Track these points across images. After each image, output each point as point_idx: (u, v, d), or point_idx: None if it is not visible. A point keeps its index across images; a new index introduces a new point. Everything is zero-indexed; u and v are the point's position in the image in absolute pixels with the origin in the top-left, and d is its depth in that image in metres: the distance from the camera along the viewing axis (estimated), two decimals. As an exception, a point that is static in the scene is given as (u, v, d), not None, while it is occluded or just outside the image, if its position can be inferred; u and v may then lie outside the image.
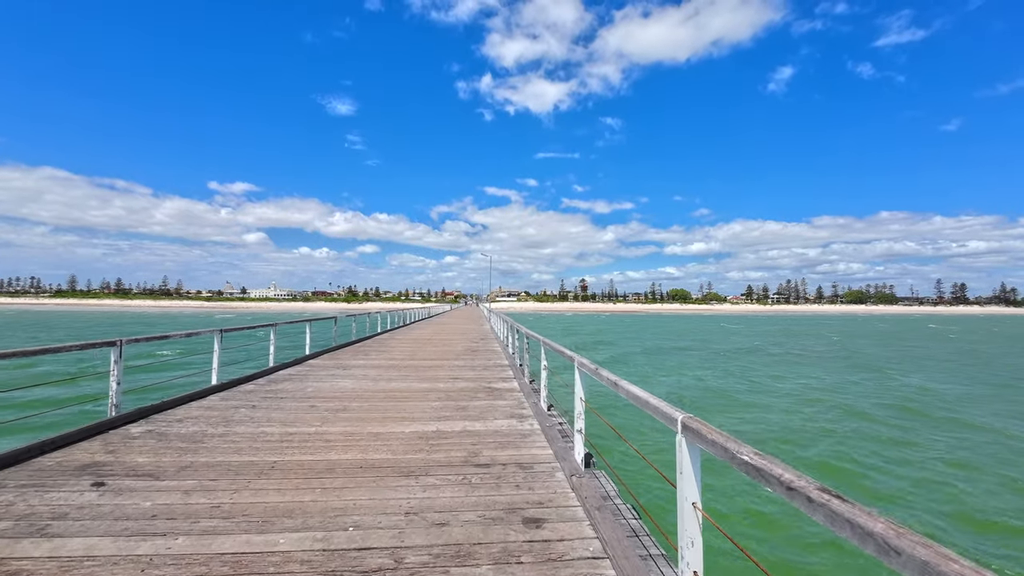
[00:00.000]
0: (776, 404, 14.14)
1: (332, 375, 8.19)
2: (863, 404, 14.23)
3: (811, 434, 10.99)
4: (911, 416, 13.00)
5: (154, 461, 3.80)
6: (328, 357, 10.60)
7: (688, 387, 16.96)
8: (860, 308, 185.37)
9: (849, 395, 15.67)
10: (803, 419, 12.34)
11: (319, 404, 5.94)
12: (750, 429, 11.38)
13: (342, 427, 4.89)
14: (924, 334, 49.87)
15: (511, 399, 6.38)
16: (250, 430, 4.72)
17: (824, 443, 10.27)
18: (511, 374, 8.53)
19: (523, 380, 7.63)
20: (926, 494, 7.71)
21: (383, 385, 7.30)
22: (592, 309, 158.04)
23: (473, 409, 5.77)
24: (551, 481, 3.49)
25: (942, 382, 18.90)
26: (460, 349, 12.69)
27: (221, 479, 3.45)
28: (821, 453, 9.64)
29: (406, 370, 8.86)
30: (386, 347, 13.01)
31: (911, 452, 9.93)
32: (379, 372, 8.58)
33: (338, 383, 7.43)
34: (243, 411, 5.50)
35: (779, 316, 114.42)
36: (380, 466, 3.77)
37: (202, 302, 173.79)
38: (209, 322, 58.88)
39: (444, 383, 7.55)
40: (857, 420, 12.35)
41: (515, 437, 4.59)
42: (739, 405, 14.09)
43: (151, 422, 4.94)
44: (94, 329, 42.39)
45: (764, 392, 16.15)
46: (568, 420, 5.43)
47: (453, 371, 8.83)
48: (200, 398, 6.10)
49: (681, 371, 20.86)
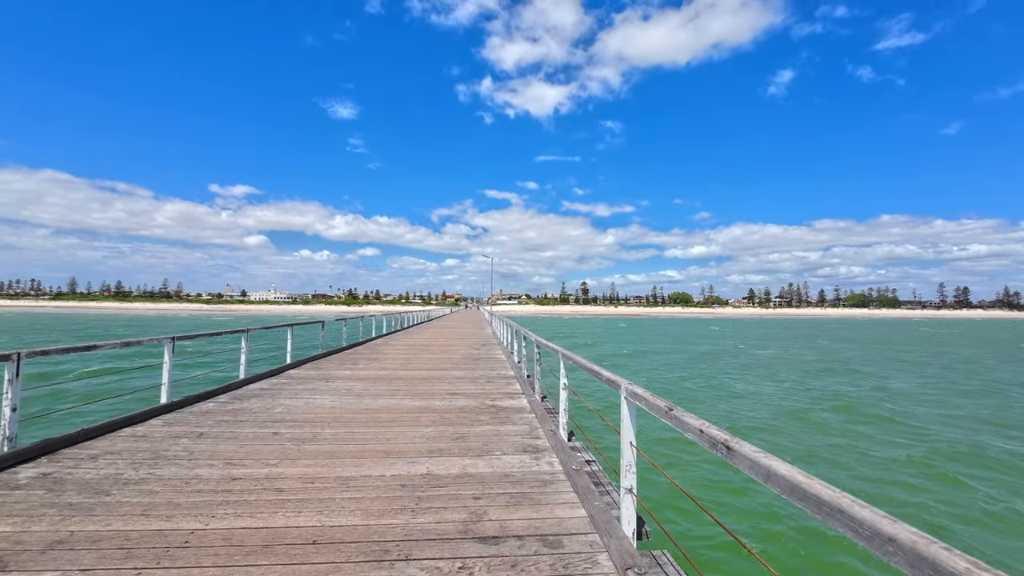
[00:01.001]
0: (720, 402, 14.65)
1: (310, 389, 7.04)
2: (804, 406, 14.21)
3: (741, 432, 10.72)
4: (843, 413, 13.29)
5: (16, 533, 2.65)
6: (311, 366, 9.46)
7: (653, 384, 17.48)
8: (862, 311, 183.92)
9: (794, 397, 15.51)
10: (734, 417, 12.61)
11: (284, 430, 4.79)
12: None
13: (304, 467, 3.74)
14: (913, 337, 48.66)
15: (521, 423, 5.24)
16: (181, 472, 3.57)
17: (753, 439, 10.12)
18: (518, 388, 7.38)
19: (534, 398, 6.47)
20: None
21: (368, 403, 6.15)
22: (593, 312, 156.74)
23: (475, 438, 4.62)
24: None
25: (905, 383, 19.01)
26: (459, 357, 11.54)
27: (100, 569, 2.31)
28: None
29: (397, 383, 7.71)
30: (379, 354, 11.87)
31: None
32: (366, 386, 7.43)
33: (315, 400, 6.28)
34: (184, 442, 4.36)
35: (780, 320, 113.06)
36: (341, 541, 2.62)
37: (201, 305, 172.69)
38: (199, 324, 57.73)
39: (440, 400, 6.41)
40: (791, 419, 12.44)
41: (532, 485, 3.44)
42: (690, 402, 14.80)
43: (55, 460, 3.79)
44: (73, 333, 41.20)
45: (717, 391, 16.60)
46: (587, 448, 4.30)
47: (451, 384, 7.68)
48: (138, 422, 4.96)
49: (654, 371, 21.71)
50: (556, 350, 4.82)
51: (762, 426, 11.60)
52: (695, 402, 14.62)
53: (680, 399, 14.76)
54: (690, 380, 18.79)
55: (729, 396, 15.55)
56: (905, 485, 8.00)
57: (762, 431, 11.15)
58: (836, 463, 9.00)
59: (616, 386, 2.84)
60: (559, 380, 4.63)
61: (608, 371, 3.17)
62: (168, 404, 5.59)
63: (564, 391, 4.55)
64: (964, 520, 6.82)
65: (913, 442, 10.49)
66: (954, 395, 16.40)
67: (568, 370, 4.60)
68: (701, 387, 17.32)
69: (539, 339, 6.30)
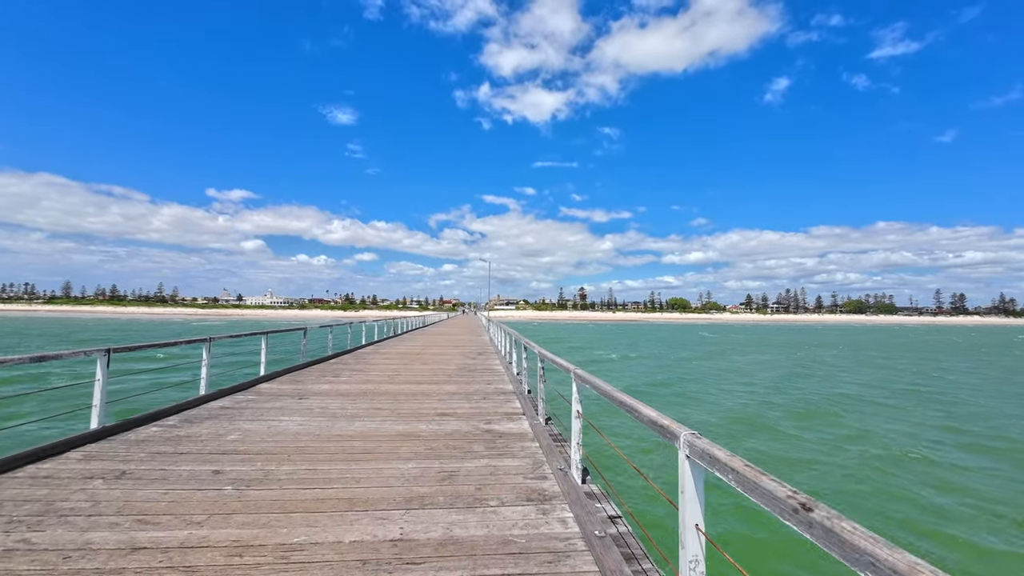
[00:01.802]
0: (675, 403, 15.24)
1: (278, 409, 6.11)
2: (755, 408, 14.66)
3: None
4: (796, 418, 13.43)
5: None
6: (287, 379, 8.51)
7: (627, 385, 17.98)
8: (860, 318, 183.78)
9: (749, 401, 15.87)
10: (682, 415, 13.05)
11: (230, 467, 3.86)
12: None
13: (238, 527, 2.82)
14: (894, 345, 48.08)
15: (523, 455, 4.32)
16: (67, 538, 2.64)
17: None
18: (518, 407, 6.46)
19: (536, 420, 5.56)
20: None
21: (341, 427, 5.22)
22: (591, 318, 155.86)
23: (466, 478, 3.71)
24: None
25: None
26: (454, 368, 10.62)
27: None
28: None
29: (381, 400, 6.78)
30: (366, 364, 10.93)
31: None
32: (344, 404, 6.49)
33: (279, 423, 5.35)
34: (95, 485, 3.43)
35: (776, 326, 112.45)
36: None
37: (196, 309, 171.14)
38: (190, 330, 56.50)
39: (428, 423, 5.49)
40: (733, 422, 12.75)
41: (541, 561, 2.53)
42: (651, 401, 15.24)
43: (-94, 518, 2.86)
44: (36, 340, 39.98)
45: (681, 395, 16.85)
46: (607, 494, 3.40)
47: (442, 402, 6.76)
48: (49, 456, 4.01)
49: (634, 374, 22.31)
50: (567, 368, 3.92)
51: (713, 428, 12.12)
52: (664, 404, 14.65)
53: (648, 397, 14.17)
54: (663, 386, 18.94)
55: (690, 401, 15.77)
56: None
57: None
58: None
59: (670, 436, 1.94)
60: (571, 405, 3.74)
61: (652, 408, 2.27)
62: (99, 430, 4.65)
63: (577, 420, 3.65)
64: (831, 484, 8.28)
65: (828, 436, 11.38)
66: (894, 396, 17.09)
67: (582, 393, 3.70)
68: (673, 392, 17.48)
69: (543, 351, 5.40)
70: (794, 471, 8.82)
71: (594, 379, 3.34)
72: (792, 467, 9.04)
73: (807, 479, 8.46)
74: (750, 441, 10.78)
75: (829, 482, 8.34)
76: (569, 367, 3.87)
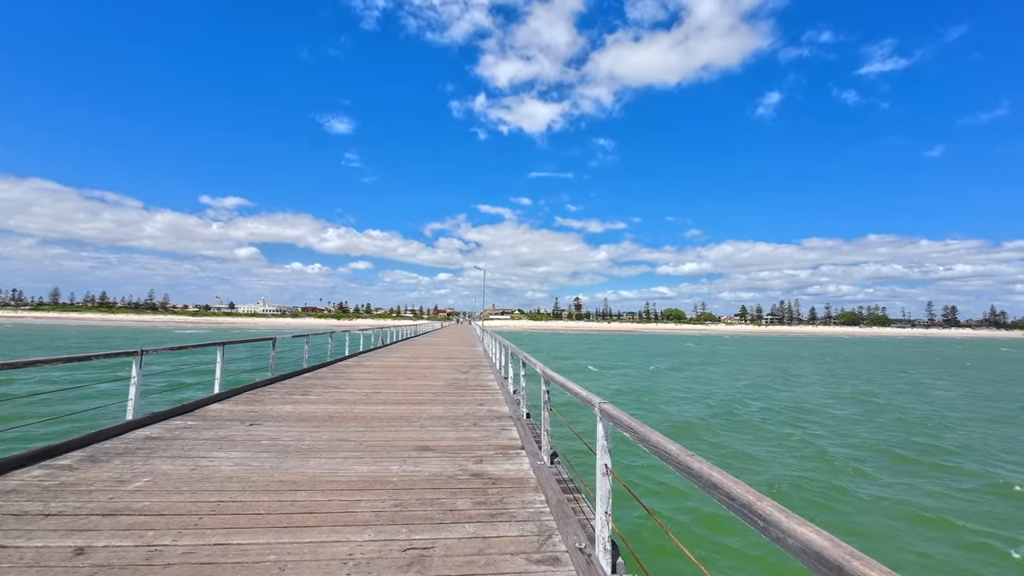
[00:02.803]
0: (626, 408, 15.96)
1: (218, 440, 4.92)
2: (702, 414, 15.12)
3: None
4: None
5: None
6: (246, 398, 7.30)
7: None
8: (854, 330, 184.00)
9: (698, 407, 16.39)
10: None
11: (101, 544, 2.68)
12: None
13: None
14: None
15: (525, 519, 3.17)
16: None
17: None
18: (515, 437, 5.31)
19: (540, 459, 4.39)
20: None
21: (289, 468, 4.04)
22: (587, 328, 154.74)
23: (444, 564, 2.56)
24: None
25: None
26: (442, 384, 9.43)
27: None
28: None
29: (350, 427, 5.60)
30: (343, 379, 9.73)
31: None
32: (303, 432, 5.31)
33: (210, 463, 4.16)
34: None
35: (768, 337, 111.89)
36: None
37: (187, 317, 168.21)
38: (173, 338, 54.70)
39: (401, 461, 4.32)
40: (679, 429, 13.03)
41: None
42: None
43: None
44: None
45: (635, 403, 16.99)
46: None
47: (423, 429, 5.58)
48: None
49: (604, 383, 22.64)
50: (590, 402, 2.78)
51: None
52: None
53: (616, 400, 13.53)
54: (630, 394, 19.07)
55: (641, 407, 16.14)
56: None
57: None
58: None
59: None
60: (595, 454, 2.61)
61: (741, 485, 1.18)
62: (-49, 477, 3.44)
63: (606, 478, 2.51)
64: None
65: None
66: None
67: (611, 437, 2.58)
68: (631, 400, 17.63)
69: (550, 372, 4.25)
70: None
71: (633, 421, 2.22)
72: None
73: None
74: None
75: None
76: (593, 400, 2.74)
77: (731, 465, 9.77)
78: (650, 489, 8.07)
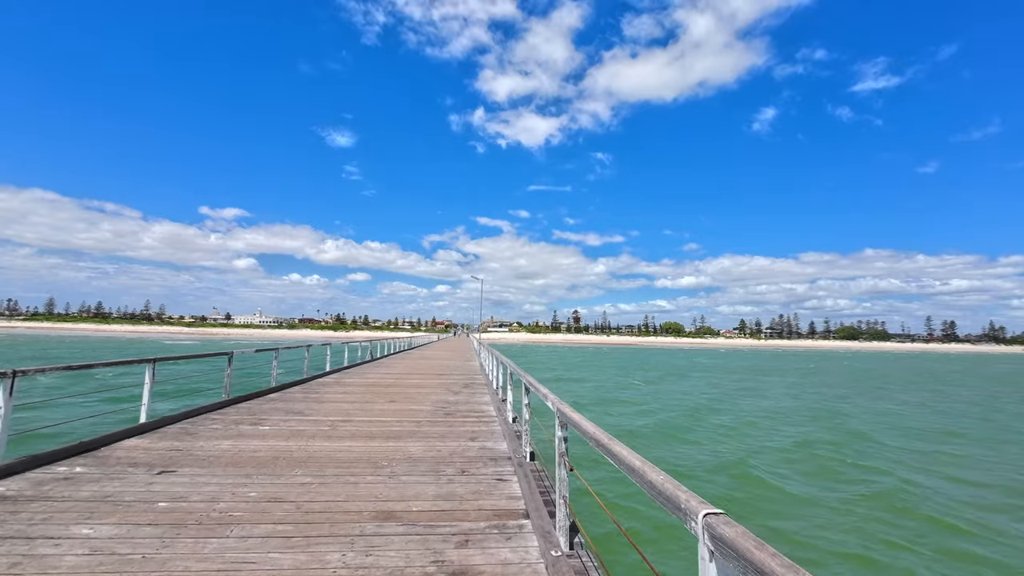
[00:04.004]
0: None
1: (99, 499, 3.47)
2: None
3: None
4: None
5: None
6: (178, 429, 5.82)
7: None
8: (853, 344, 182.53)
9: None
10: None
11: None
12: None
13: None
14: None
15: None
16: None
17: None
18: (517, 494, 3.87)
19: (554, 541, 2.95)
20: None
21: (174, 561, 2.61)
22: (586, 341, 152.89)
23: None
24: None
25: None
26: (429, 408, 7.98)
27: None
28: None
29: (297, 473, 4.16)
30: (313, 401, 8.27)
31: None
32: (225, 486, 3.85)
33: (53, 550, 2.73)
34: None
35: (769, 351, 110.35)
36: None
37: (182, 328, 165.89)
38: (156, 349, 52.91)
39: (347, 546, 2.87)
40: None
41: None
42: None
43: None
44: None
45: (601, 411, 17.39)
46: None
47: (392, 482, 4.13)
48: None
49: (581, 391, 23.38)
50: (681, 506, 1.38)
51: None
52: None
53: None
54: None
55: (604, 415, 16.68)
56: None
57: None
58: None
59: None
60: None
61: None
62: None
63: None
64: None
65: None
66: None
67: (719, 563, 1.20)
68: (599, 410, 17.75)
69: (572, 413, 2.84)
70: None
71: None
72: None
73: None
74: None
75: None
76: (681, 498, 1.35)
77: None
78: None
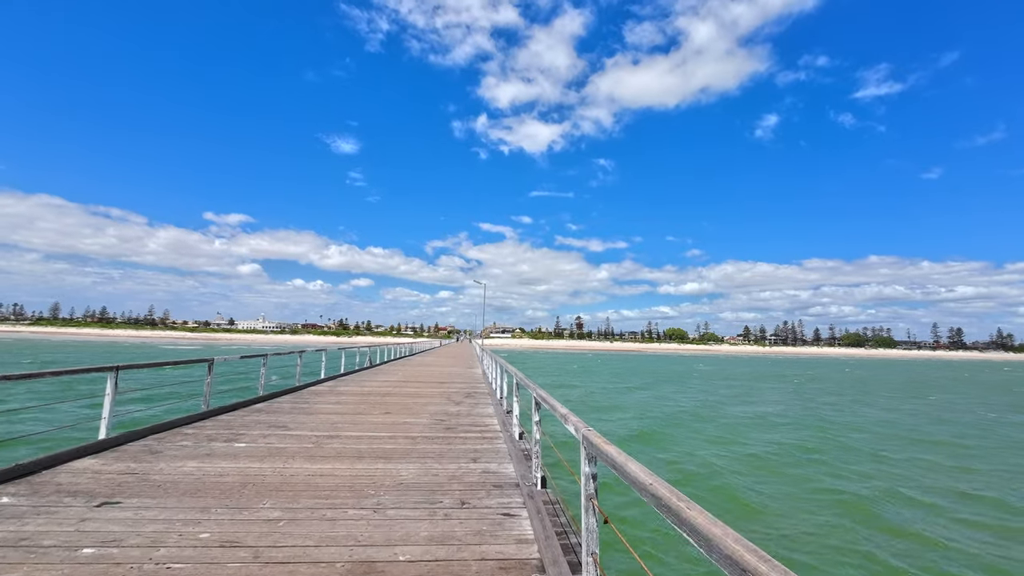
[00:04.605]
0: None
1: (9, 544, 2.80)
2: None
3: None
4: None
5: None
6: (140, 447, 5.14)
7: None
8: (859, 351, 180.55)
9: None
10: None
11: None
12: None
13: None
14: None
15: None
16: None
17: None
18: (528, 537, 3.16)
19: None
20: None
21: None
22: (588, 347, 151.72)
23: None
24: None
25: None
26: (426, 422, 7.28)
27: None
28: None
29: (265, 506, 3.46)
30: (302, 412, 7.58)
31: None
32: (173, 524, 3.15)
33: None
34: None
35: (773, 358, 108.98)
36: None
37: (185, 332, 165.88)
38: (154, 354, 52.38)
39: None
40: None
41: None
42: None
43: None
44: None
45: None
46: None
47: (377, 519, 3.42)
48: None
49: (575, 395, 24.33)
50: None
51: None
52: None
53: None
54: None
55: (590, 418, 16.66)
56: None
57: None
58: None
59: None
60: None
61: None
62: None
63: None
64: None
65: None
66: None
67: None
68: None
69: (603, 443, 2.17)
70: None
71: None
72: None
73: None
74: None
75: None
76: None
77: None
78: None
